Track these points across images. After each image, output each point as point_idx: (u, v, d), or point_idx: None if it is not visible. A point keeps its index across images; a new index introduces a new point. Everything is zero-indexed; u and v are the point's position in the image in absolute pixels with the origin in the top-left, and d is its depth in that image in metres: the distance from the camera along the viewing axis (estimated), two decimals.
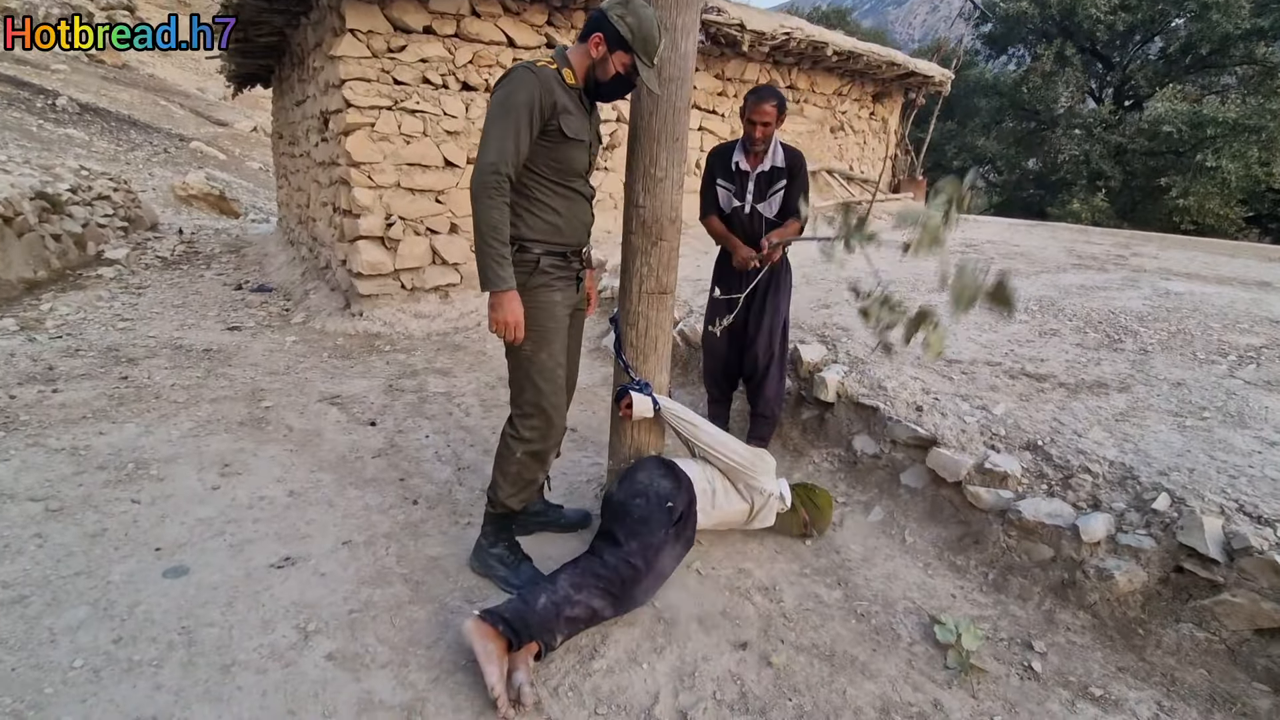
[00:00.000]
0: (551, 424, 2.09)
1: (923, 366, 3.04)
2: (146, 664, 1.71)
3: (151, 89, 20.64)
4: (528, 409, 2.07)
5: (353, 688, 1.70)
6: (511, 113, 1.79)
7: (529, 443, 2.09)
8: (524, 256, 1.98)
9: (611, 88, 1.95)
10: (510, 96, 1.79)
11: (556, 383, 2.08)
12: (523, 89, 1.79)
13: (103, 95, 17.86)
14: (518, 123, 1.80)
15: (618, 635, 1.97)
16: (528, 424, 2.08)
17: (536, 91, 1.80)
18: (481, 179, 1.80)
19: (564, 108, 1.89)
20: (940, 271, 1.75)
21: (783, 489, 2.47)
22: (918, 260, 1.83)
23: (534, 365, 2.04)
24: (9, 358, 3.75)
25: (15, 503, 2.32)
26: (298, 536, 2.34)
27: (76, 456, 2.71)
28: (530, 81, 1.80)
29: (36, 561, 2.04)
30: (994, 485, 2.34)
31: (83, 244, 7.55)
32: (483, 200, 1.81)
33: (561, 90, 1.89)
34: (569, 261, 2.09)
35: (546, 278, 2.02)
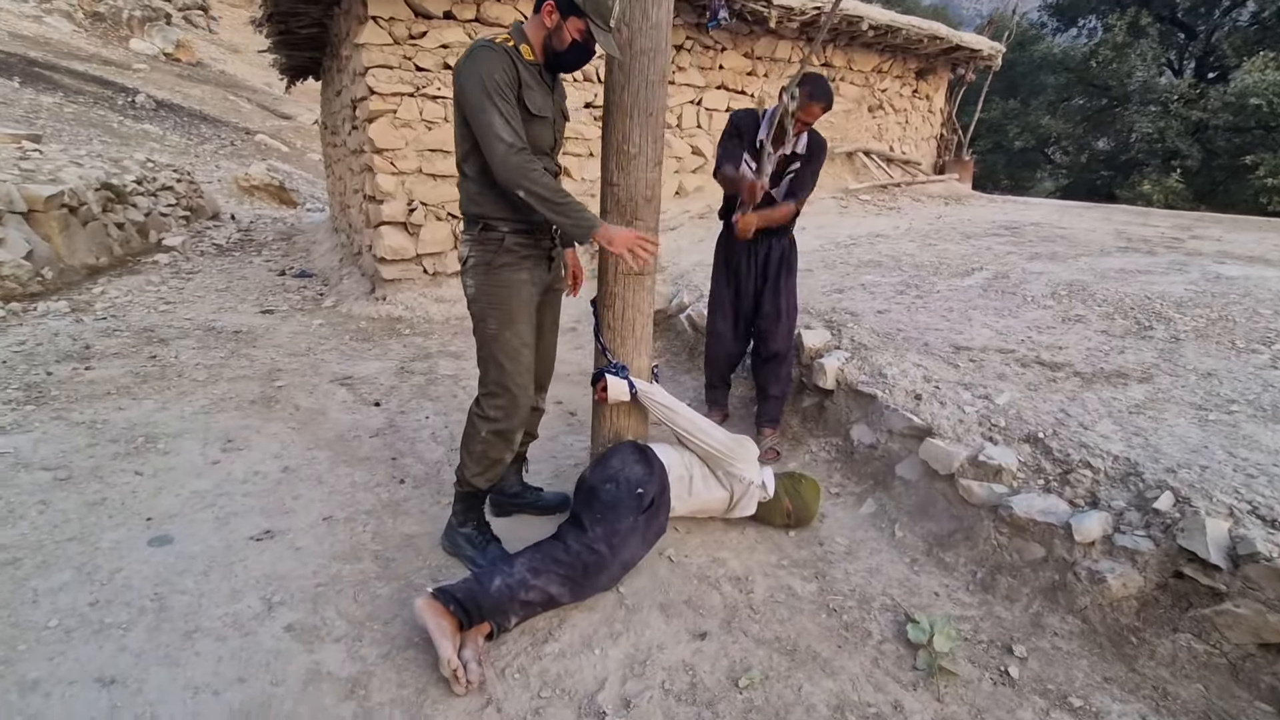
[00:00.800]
0: (516, 403, 2.08)
1: (929, 353, 2.88)
2: (116, 627, 1.78)
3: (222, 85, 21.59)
4: (493, 388, 2.07)
5: (304, 659, 1.74)
6: (493, 93, 1.77)
7: (493, 421, 2.08)
8: (489, 235, 1.97)
9: (570, 57, 1.91)
10: (484, 77, 1.76)
11: (521, 362, 2.06)
12: (489, 68, 1.77)
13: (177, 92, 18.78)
14: (503, 99, 1.78)
15: (576, 619, 1.94)
16: (493, 403, 2.07)
17: (502, 67, 1.79)
18: (507, 166, 1.78)
19: (526, 83, 1.86)
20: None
21: (765, 477, 2.39)
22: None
23: (498, 344, 2.03)
24: (53, 337, 4.00)
25: (28, 471, 2.47)
26: (282, 511, 2.40)
27: (93, 430, 2.86)
28: (494, 60, 1.78)
29: (35, 526, 2.16)
30: (987, 479, 2.20)
31: (145, 232, 7.96)
32: (523, 181, 1.79)
33: (522, 67, 1.86)
34: (537, 240, 2.06)
35: (513, 256, 2.01)
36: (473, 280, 2.01)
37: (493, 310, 2.01)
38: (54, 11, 20.50)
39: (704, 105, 6.22)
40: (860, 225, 5.65)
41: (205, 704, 1.58)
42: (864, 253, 4.63)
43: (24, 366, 3.48)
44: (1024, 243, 4.75)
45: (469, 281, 2.02)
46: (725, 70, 6.22)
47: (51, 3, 20.82)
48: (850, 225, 5.65)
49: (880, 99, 7.42)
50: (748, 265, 2.84)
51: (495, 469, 2.17)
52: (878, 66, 7.28)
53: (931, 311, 3.37)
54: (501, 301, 2.01)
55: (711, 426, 2.33)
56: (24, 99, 13.03)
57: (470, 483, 2.15)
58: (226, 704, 1.59)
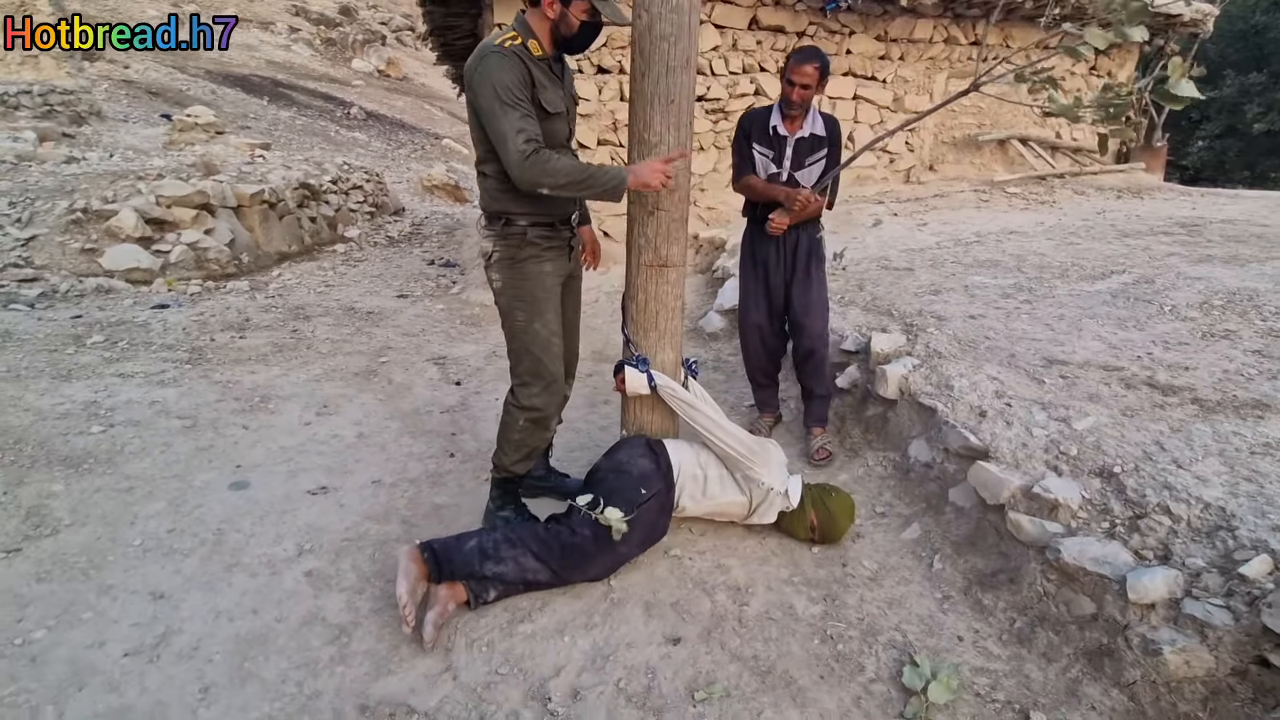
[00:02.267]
0: (550, 390, 2.14)
1: (1012, 366, 2.51)
2: (179, 553, 2.11)
3: (420, 96, 24.25)
4: (526, 377, 2.13)
5: (309, 603, 1.93)
6: (507, 105, 1.77)
7: (530, 410, 2.14)
8: (510, 229, 2.01)
9: (581, 38, 1.92)
10: (498, 84, 1.77)
11: (552, 351, 2.12)
12: (502, 74, 1.77)
13: (384, 104, 21.40)
14: (520, 108, 1.78)
15: (559, 605, 1.96)
16: (527, 392, 2.14)
17: (515, 73, 1.79)
18: (524, 171, 1.78)
19: (540, 83, 1.87)
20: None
21: (790, 486, 2.24)
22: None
23: (529, 335, 2.08)
24: (224, 310, 4.78)
25: (166, 418, 2.98)
26: (342, 471, 2.68)
27: (225, 389, 3.38)
28: (507, 65, 1.79)
29: (155, 463, 2.61)
30: (1040, 514, 1.88)
31: (334, 225, 9.18)
32: (542, 179, 1.79)
33: (533, 65, 1.86)
34: (558, 231, 2.10)
35: (535, 249, 2.05)
36: (498, 275, 2.06)
37: (520, 303, 2.06)
38: (298, 41, 24.29)
39: (826, 93, 5.87)
40: (995, 220, 5.03)
41: (220, 627, 1.82)
42: (984, 251, 4.12)
43: (196, 332, 4.20)
44: (1198, 243, 3.94)
45: (494, 276, 2.07)
46: (853, 55, 5.83)
47: (297, 34, 24.75)
48: (983, 220, 5.05)
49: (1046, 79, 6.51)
50: (776, 256, 2.69)
51: (533, 455, 2.25)
52: (1042, 42, 6.39)
53: (1035, 319, 2.92)
54: (528, 293, 2.06)
55: (733, 426, 2.22)
56: (268, 114, 15.65)
57: (509, 469, 2.24)
58: (235, 630, 1.82)
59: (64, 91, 10.57)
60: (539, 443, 2.25)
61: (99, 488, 2.40)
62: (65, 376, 3.26)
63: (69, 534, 2.15)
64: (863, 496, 2.53)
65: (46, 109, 10.08)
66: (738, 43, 5.50)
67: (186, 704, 1.58)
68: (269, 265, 7.18)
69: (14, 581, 1.92)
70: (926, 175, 6.36)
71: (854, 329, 3.14)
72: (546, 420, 2.20)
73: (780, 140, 2.57)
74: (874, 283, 3.71)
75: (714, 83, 5.50)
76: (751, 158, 2.64)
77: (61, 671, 1.64)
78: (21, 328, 3.86)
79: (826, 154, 2.57)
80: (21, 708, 1.55)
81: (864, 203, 5.79)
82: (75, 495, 2.34)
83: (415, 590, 1.81)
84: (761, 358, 2.86)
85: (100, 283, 5.04)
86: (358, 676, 1.69)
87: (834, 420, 2.97)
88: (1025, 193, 5.97)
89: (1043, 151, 6.61)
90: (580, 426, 3.20)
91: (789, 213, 2.54)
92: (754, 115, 2.68)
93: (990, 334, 2.79)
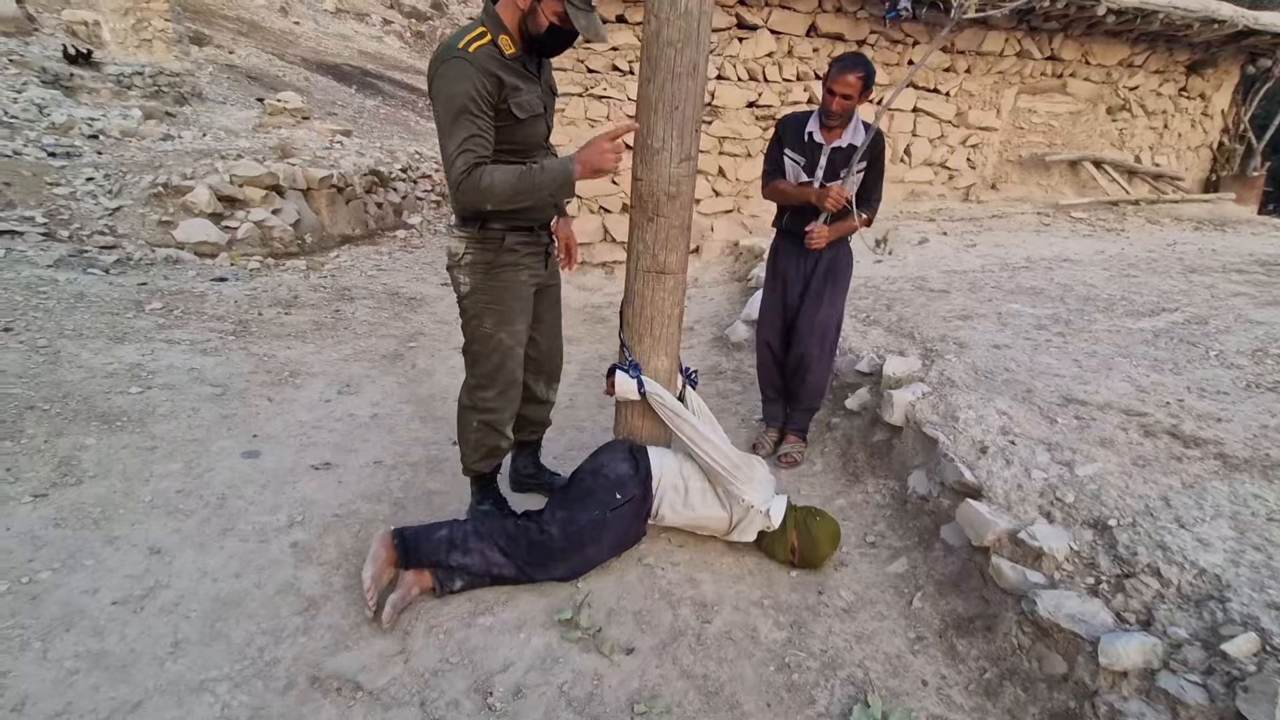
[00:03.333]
0: (506, 396, 2.11)
1: (1027, 401, 2.37)
2: (182, 512, 2.25)
3: None
4: (483, 381, 2.09)
5: (288, 573, 2.02)
6: (462, 115, 1.67)
7: (483, 413, 2.12)
8: (488, 234, 1.93)
9: (550, 40, 1.76)
10: (452, 98, 1.66)
11: (515, 358, 2.09)
12: (460, 84, 1.66)
13: None
14: (472, 123, 1.68)
15: (523, 602, 1.99)
16: (481, 395, 2.11)
17: (475, 83, 1.66)
18: (459, 194, 1.72)
19: (511, 86, 1.75)
20: None
21: (773, 506, 2.19)
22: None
23: (493, 342, 2.02)
24: (277, 287, 5.05)
25: (200, 385, 3.18)
26: (348, 449, 2.79)
27: (260, 361, 3.57)
28: (467, 74, 1.66)
29: (180, 426, 2.78)
30: (1023, 561, 1.77)
31: (399, 211, 9.53)
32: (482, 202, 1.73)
33: (501, 67, 1.72)
34: (537, 236, 2.06)
35: (514, 255, 1.99)
36: (468, 278, 1.97)
37: (490, 310, 1.99)
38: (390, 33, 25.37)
39: None
40: (1052, 246, 4.76)
41: (204, 586, 1.93)
42: (1030, 278, 3.91)
43: (247, 306, 4.45)
44: (1274, 284, 3.61)
45: (463, 279, 1.98)
46: None
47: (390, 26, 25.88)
48: (1037, 246, 4.79)
49: (1125, 98, 6.11)
50: (795, 271, 2.62)
51: (492, 455, 2.22)
52: (1126, 60, 6.01)
53: (1064, 353, 2.75)
54: (500, 301, 1.99)
55: (721, 440, 2.19)
56: (355, 102, 16.38)
57: (471, 468, 2.25)
58: (217, 590, 1.92)
59: (171, 74, 11.37)
60: (496, 443, 2.19)
61: (126, 444, 2.58)
62: (120, 338, 3.51)
63: (90, 485, 2.32)
64: (856, 524, 2.45)
65: (155, 89, 10.86)
66: (793, 49, 5.41)
67: (156, 655, 1.69)
68: (330, 246, 7.50)
69: (34, 524, 2.09)
70: (987, 194, 6.08)
71: (871, 350, 3.04)
72: (501, 424, 2.14)
73: (815, 148, 2.47)
74: (904, 303, 3.58)
75: (766, 89, 5.42)
76: (780, 163, 2.57)
77: (55, 612, 1.78)
78: (94, 291, 4.19)
79: (866, 168, 2.45)
80: (14, 640, 1.68)
81: (914, 219, 5.58)
82: (104, 449, 2.52)
83: (380, 575, 1.87)
84: (772, 373, 2.80)
85: (170, 253, 5.40)
86: (316, 649, 1.76)
87: (841, 442, 2.88)
88: (1092, 219, 5.61)
89: (1118, 176, 6.20)
90: (586, 426, 3.22)
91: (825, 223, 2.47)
92: (790, 120, 2.58)
93: (1011, 366, 2.65)
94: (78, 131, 7.36)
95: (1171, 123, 6.37)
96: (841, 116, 2.41)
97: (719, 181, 5.69)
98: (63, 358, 3.15)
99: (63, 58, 9.84)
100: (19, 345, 3.17)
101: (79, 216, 5.55)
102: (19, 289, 3.87)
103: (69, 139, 7.09)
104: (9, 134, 6.70)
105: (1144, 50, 5.94)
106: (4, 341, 3.17)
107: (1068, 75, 5.95)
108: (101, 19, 12.55)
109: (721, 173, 5.64)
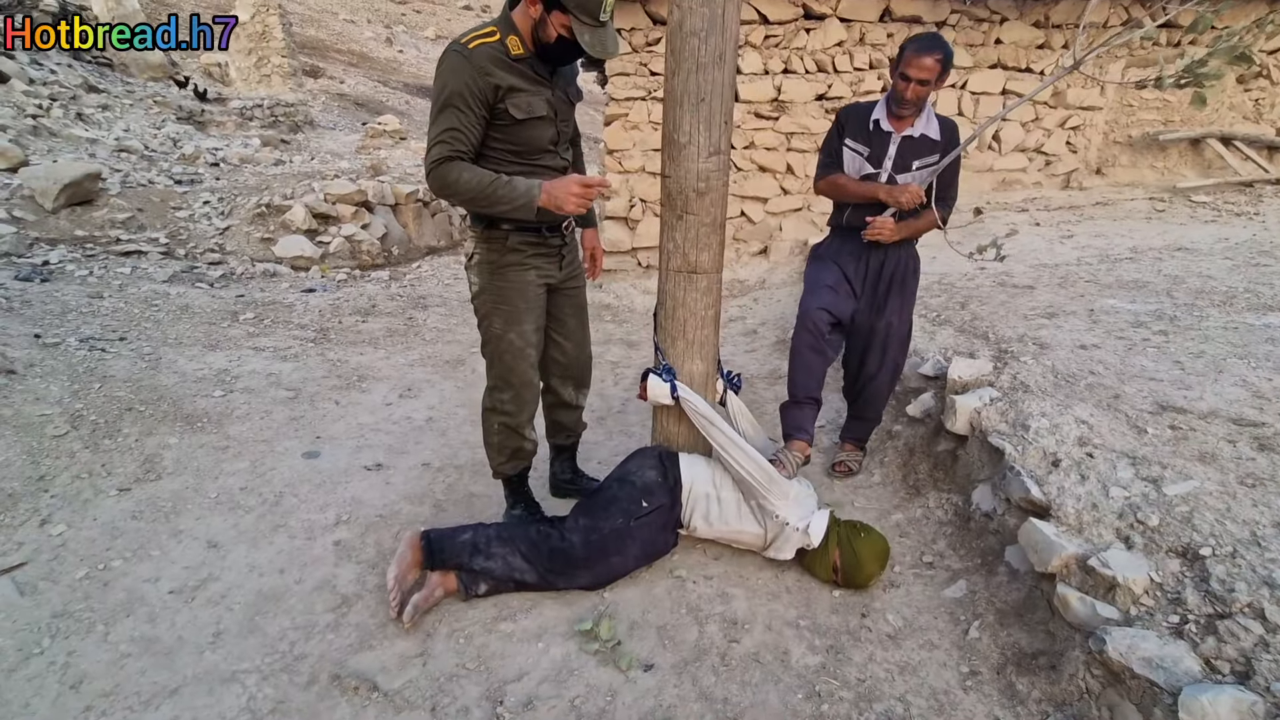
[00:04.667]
0: (521, 398, 2.10)
1: (1112, 409, 2.08)
2: (241, 508, 2.39)
3: (590, 102, 25.42)
4: (498, 383, 2.09)
5: (327, 570, 2.10)
6: (447, 107, 1.68)
7: (501, 415, 2.11)
8: (493, 234, 1.92)
9: (558, 51, 1.74)
10: (441, 91, 1.68)
11: (526, 359, 2.06)
12: (452, 78, 1.66)
13: None
14: (456, 115, 1.69)
15: (546, 609, 1.96)
16: (497, 397, 2.10)
17: (467, 78, 1.66)
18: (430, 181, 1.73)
19: (510, 87, 1.72)
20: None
21: (813, 523, 2.04)
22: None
23: (503, 343, 2.02)
24: (359, 296, 5.35)
25: (276, 389, 3.39)
26: (401, 451, 2.88)
27: (333, 366, 3.78)
28: (460, 69, 1.66)
29: (251, 427, 2.98)
30: (1094, 593, 1.54)
31: None
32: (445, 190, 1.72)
33: (503, 68, 1.71)
34: (545, 238, 2.00)
35: (519, 255, 1.96)
36: (478, 278, 1.98)
37: (498, 309, 1.98)
38: None
39: (969, 89, 5.29)
40: (1165, 235, 4.22)
41: (249, 579, 2.03)
42: (1133, 270, 3.48)
43: (329, 314, 4.74)
44: None
45: (473, 279, 1.99)
46: (1003, 45, 5.19)
47: None
48: (1148, 233, 4.26)
49: (1262, 64, 5.36)
50: (855, 271, 2.39)
51: (517, 458, 2.22)
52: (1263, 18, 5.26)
53: (1164, 354, 2.40)
54: (507, 301, 1.97)
55: (752, 451, 2.06)
56: None
57: (498, 471, 2.25)
58: (260, 585, 2.02)
59: (287, 104, 12.43)
60: (518, 446, 2.17)
61: (203, 444, 2.78)
62: (213, 346, 3.82)
63: (167, 481, 2.51)
64: (914, 541, 2.25)
65: (273, 120, 11.90)
66: (865, 36, 5.13)
67: (198, 644, 1.78)
68: (416, 257, 7.90)
69: (116, 515, 2.29)
70: (1091, 180, 5.50)
71: (938, 351, 2.80)
72: (519, 426, 2.12)
73: (883, 136, 2.25)
74: (980, 300, 3.28)
75: (836, 80, 5.18)
76: (839, 155, 2.36)
77: (120, 597, 1.93)
78: (198, 303, 4.60)
79: (937, 161, 2.21)
80: (83, 622, 1.83)
81: (1004, 210, 5.14)
82: (183, 448, 2.73)
83: (405, 576, 1.89)
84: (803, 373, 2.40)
85: (268, 268, 5.86)
86: (342, 646, 1.80)
87: (902, 451, 2.67)
88: (1218, 201, 4.94)
89: (1254, 153, 5.44)
90: (635, 431, 3.17)
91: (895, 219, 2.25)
92: (853, 109, 2.37)
93: (1099, 368, 2.35)
94: (203, 160, 8.16)
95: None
96: (915, 104, 2.18)
97: (787, 179, 5.48)
98: (163, 364, 3.46)
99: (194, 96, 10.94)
100: (129, 353, 3.51)
101: (194, 236, 6.13)
102: (137, 302, 4.30)
103: (194, 167, 7.88)
104: (147, 165, 7.54)
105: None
106: (118, 350, 3.52)
107: (1186, 43, 5.28)
108: (230, 59, 13.93)
109: (790, 170, 5.44)
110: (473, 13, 30.21)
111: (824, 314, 2.33)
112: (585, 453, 2.74)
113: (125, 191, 6.41)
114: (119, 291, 4.44)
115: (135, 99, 9.72)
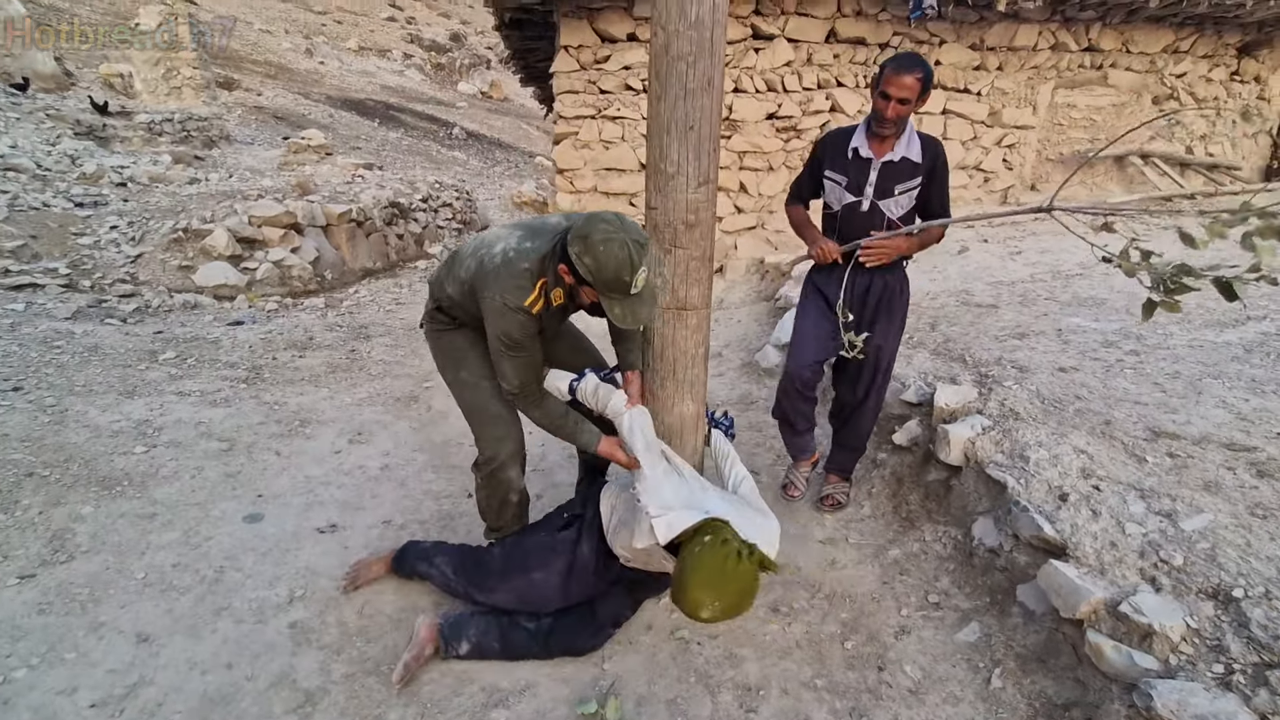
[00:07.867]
0: (490, 434, 2.03)
1: (1107, 436, 2.07)
2: (176, 589, 2.08)
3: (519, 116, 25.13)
4: (470, 423, 2.09)
5: (285, 660, 1.83)
6: (521, 352, 1.82)
7: (484, 464, 2.07)
8: (443, 317, 2.04)
9: (596, 310, 1.79)
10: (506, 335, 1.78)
11: (481, 390, 2.02)
12: (519, 331, 1.79)
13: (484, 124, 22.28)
14: (527, 354, 1.83)
15: (542, 690, 1.77)
16: (477, 441, 2.09)
17: (532, 331, 1.82)
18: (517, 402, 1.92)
19: (546, 324, 1.89)
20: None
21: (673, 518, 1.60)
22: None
23: (457, 386, 2.06)
24: (293, 328, 4.96)
25: (207, 440, 3.04)
26: (356, 507, 2.61)
27: (270, 410, 3.44)
28: (527, 325, 1.79)
29: (181, 489, 2.64)
30: (1128, 641, 1.49)
31: (420, 241, 9.49)
32: (528, 411, 1.93)
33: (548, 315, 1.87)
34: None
35: (465, 333, 2.05)
36: (429, 342, 2.11)
37: (446, 361, 2.07)
38: (411, 68, 25.92)
39: None
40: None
41: (191, 681, 1.75)
42: (1087, 286, 3.59)
43: (261, 350, 4.36)
44: None
45: (428, 344, 2.12)
46: (942, 67, 5.36)
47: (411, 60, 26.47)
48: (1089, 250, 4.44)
49: (1171, 87, 5.73)
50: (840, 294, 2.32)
51: (505, 511, 2.12)
52: (1171, 46, 5.64)
53: (1142, 375, 2.44)
54: (446, 351, 2.06)
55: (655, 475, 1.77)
56: (378, 135, 16.63)
57: (494, 530, 2.17)
58: (205, 686, 1.74)
59: (200, 118, 11.62)
60: (506, 495, 2.10)
61: (124, 512, 2.43)
62: (130, 393, 3.41)
63: (82, 561, 2.17)
64: (917, 579, 2.18)
65: (184, 134, 11.09)
66: (812, 57, 5.18)
67: None
68: (351, 282, 7.46)
69: (17, 611, 1.94)
70: (1027, 196, 5.74)
71: (918, 376, 2.76)
72: (502, 468, 2.05)
73: (862, 164, 2.20)
74: (949, 321, 3.29)
75: (786, 99, 5.20)
76: (812, 184, 2.33)
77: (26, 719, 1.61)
78: (109, 342, 4.13)
79: (921, 183, 2.17)
80: None
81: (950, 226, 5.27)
82: (100, 519, 2.38)
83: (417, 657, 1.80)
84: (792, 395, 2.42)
85: (188, 299, 5.37)
86: None
87: (890, 481, 2.61)
88: (1144, 216, 5.23)
89: (1169, 169, 5.81)
90: None
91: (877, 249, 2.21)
92: (830, 137, 2.31)
93: (1083, 393, 2.35)
94: (107, 180, 7.47)
95: (1224, 110, 5.95)
96: (896, 124, 2.13)
97: (741, 197, 5.47)
98: (69, 417, 3.05)
99: (91, 109, 10.09)
100: (26, 405, 3.09)
101: (101, 265, 5.56)
102: (34, 344, 3.82)
103: (98, 188, 7.20)
104: (40, 186, 6.82)
105: (1190, 34, 5.57)
106: (11, 402, 3.09)
107: (1108, 66, 5.60)
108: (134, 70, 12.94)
109: (743, 188, 5.42)
110: (396, 24, 29.46)
111: (809, 369, 2.35)
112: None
113: (14, 216, 5.78)
114: (10, 332, 3.94)
115: (24, 112, 8.86)
